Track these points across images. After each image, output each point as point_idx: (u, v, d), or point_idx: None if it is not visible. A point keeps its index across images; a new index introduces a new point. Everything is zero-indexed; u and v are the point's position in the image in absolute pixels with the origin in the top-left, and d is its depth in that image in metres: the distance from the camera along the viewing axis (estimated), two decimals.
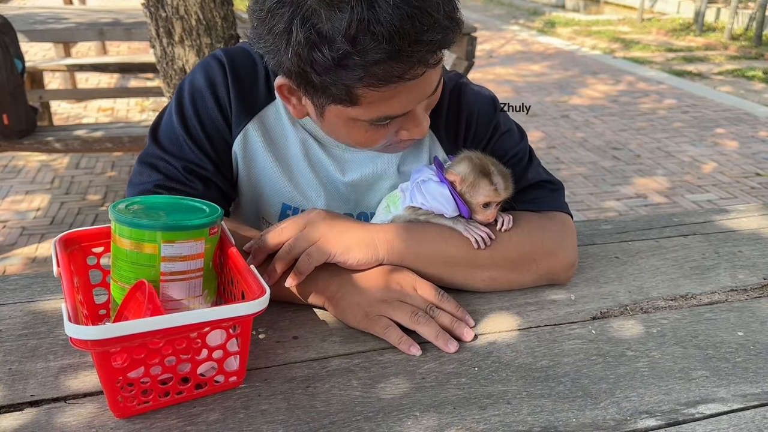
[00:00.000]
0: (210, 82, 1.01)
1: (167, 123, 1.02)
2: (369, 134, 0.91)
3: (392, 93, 0.82)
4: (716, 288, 1.03)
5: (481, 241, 0.94)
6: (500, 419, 0.73)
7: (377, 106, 0.84)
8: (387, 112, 0.86)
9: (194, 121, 1.01)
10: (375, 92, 0.81)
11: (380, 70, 0.77)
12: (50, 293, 0.97)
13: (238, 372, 0.77)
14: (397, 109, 0.87)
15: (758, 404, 0.77)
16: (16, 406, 0.74)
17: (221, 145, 1.03)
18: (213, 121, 1.01)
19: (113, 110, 5.23)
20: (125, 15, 4.21)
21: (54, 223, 3.38)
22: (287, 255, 0.90)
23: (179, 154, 1.00)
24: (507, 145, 1.06)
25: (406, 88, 0.82)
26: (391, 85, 0.80)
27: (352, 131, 0.91)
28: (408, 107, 0.88)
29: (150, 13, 1.96)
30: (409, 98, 0.86)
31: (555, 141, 4.77)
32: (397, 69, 0.78)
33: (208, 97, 1.01)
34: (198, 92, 1.01)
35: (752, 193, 3.89)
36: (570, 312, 0.95)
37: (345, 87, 0.80)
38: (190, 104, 1.01)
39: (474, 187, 0.93)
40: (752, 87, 6.47)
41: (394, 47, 0.75)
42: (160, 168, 0.99)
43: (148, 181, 0.99)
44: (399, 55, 0.76)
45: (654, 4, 10.62)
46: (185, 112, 1.01)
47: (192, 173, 1.00)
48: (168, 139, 1.01)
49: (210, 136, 1.01)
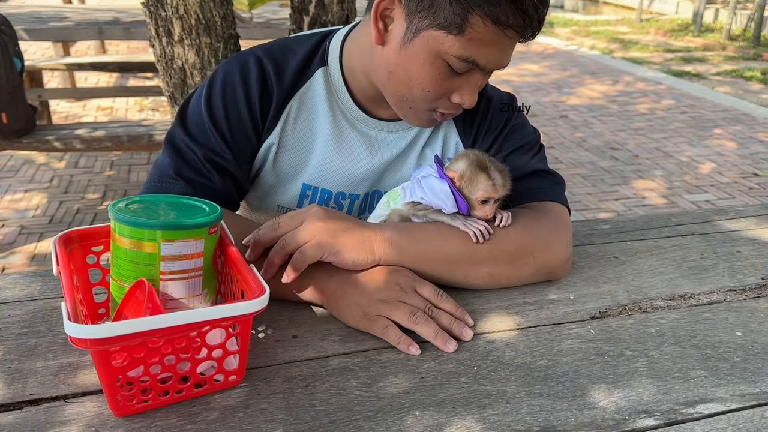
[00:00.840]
0: (243, 77, 1.05)
1: (195, 107, 1.06)
2: (434, 79, 0.96)
3: (492, 38, 0.90)
4: (715, 288, 1.04)
5: (480, 234, 0.94)
6: (499, 418, 0.73)
7: (474, 44, 0.91)
8: (476, 54, 0.92)
9: (221, 112, 1.04)
10: (483, 28, 0.89)
11: (501, 10, 0.87)
12: (49, 292, 0.97)
13: (238, 371, 0.77)
14: (483, 58, 0.93)
15: (757, 404, 0.77)
16: (15, 404, 0.74)
17: (242, 139, 1.07)
18: (239, 115, 1.05)
19: (112, 109, 5.23)
20: (125, 14, 4.20)
21: (53, 222, 3.38)
22: (282, 250, 0.90)
23: (203, 140, 1.04)
24: (520, 134, 1.12)
25: (501, 43, 0.92)
26: (499, 27, 0.89)
27: (423, 70, 0.96)
28: (490, 62, 0.95)
29: (149, 12, 1.96)
30: (496, 55, 0.94)
31: (553, 141, 4.77)
32: (512, 17, 0.88)
33: (239, 91, 1.05)
34: (230, 85, 1.05)
35: (750, 194, 3.89)
36: (569, 312, 0.95)
37: (463, 9, 0.88)
38: (220, 94, 1.05)
39: (472, 182, 0.93)
40: (750, 87, 6.48)
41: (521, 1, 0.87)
42: (182, 152, 1.04)
43: (168, 164, 1.03)
44: (522, 8, 0.87)
45: (652, 5, 10.63)
46: (213, 101, 1.05)
47: (211, 163, 1.03)
48: (195, 124, 1.05)
49: (232, 129, 1.05)
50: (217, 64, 2.02)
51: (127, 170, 4.06)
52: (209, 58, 2.02)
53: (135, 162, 4.19)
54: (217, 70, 1.08)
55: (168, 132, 1.07)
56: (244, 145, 1.07)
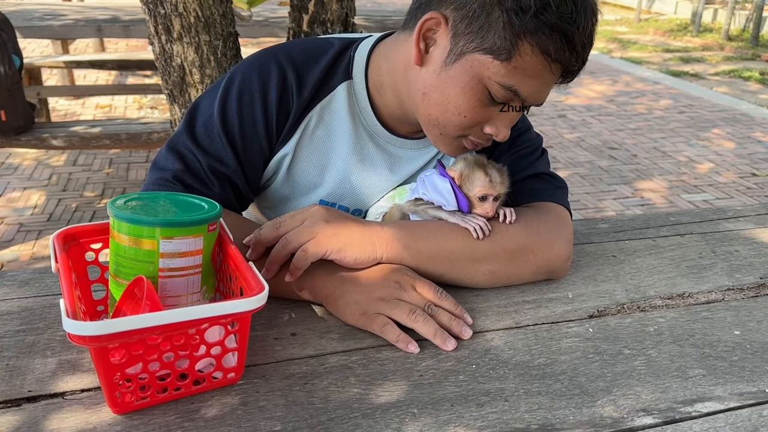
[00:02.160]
0: (263, 84, 1.01)
1: (207, 109, 1.01)
2: (472, 105, 0.93)
3: (538, 70, 0.89)
4: (713, 287, 1.04)
5: (479, 230, 0.95)
6: (498, 416, 0.73)
7: (518, 73, 0.89)
8: (519, 84, 0.90)
9: (234, 116, 1.00)
10: (530, 57, 0.87)
11: (552, 41, 0.85)
12: (48, 289, 0.97)
13: (237, 368, 0.77)
14: (525, 89, 0.91)
15: (755, 402, 0.77)
16: (13, 401, 0.73)
17: (253, 149, 1.02)
18: (254, 123, 1.01)
19: (111, 107, 5.22)
20: (124, 12, 4.20)
21: (51, 219, 3.38)
22: (284, 249, 0.90)
23: (209, 147, 1.00)
24: (523, 137, 1.12)
25: (545, 76, 0.90)
26: (547, 59, 0.87)
27: (461, 95, 0.92)
28: (531, 93, 0.92)
29: (149, 10, 1.96)
30: (538, 87, 0.92)
31: (552, 141, 4.77)
32: (561, 51, 0.86)
33: (257, 99, 1.01)
34: (248, 90, 1.01)
35: (748, 194, 3.90)
36: (567, 310, 0.96)
37: (514, 35, 0.86)
38: (236, 99, 1.00)
39: (470, 178, 0.95)
40: (748, 87, 6.49)
41: (573, 37, 0.86)
42: (186, 158, 1.00)
43: (170, 168, 0.99)
44: (572, 43, 0.86)
45: (651, 5, 10.64)
46: (228, 105, 1.00)
47: (214, 172, 1.00)
48: (204, 126, 1.01)
49: (245, 136, 1.01)
50: (216, 62, 2.02)
51: (126, 168, 4.05)
52: (208, 56, 2.02)
53: (134, 160, 4.19)
54: (235, 72, 1.03)
55: (174, 134, 1.02)
56: (254, 154, 1.03)
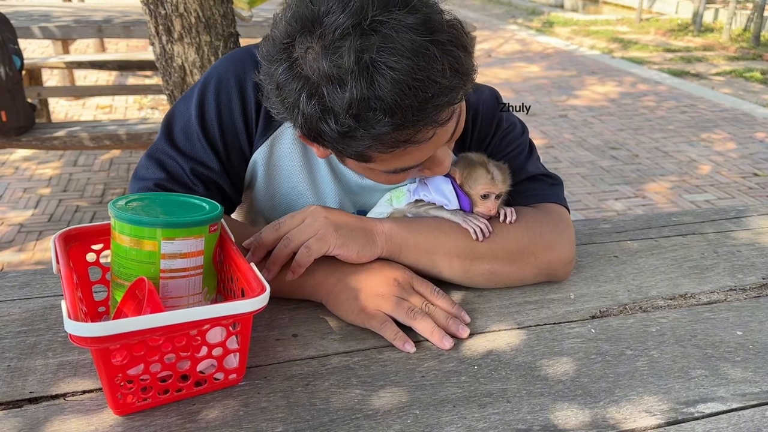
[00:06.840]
0: (239, 84, 0.99)
1: (184, 113, 1.00)
2: (391, 178, 0.91)
3: (404, 152, 0.81)
4: (715, 287, 1.03)
5: (480, 232, 0.95)
6: (500, 417, 0.73)
7: (391, 162, 0.84)
8: (402, 164, 0.86)
9: (213, 117, 0.99)
10: (386, 154, 0.81)
11: (388, 138, 0.77)
12: (49, 290, 0.97)
13: (238, 369, 0.77)
14: (412, 162, 0.86)
15: (757, 403, 0.77)
16: (14, 403, 0.73)
17: (234, 150, 1.01)
18: (233, 124, 1.00)
19: (111, 108, 5.22)
20: (124, 12, 4.20)
21: (52, 220, 3.37)
22: (286, 248, 0.90)
23: (189, 152, 0.98)
24: (510, 138, 1.08)
25: (418, 147, 0.81)
26: (399, 149, 0.79)
27: (373, 176, 0.92)
28: (423, 159, 0.87)
29: (149, 11, 1.96)
30: (423, 153, 0.85)
31: (553, 141, 4.77)
32: (404, 135, 0.77)
33: (235, 99, 0.99)
34: (225, 90, 0.99)
35: (750, 194, 3.89)
36: (569, 311, 0.95)
37: (355, 152, 0.81)
38: (213, 100, 0.99)
39: (471, 177, 0.95)
40: (750, 87, 6.48)
41: (398, 120, 0.74)
42: (167, 166, 0.98)
43: (151, 177, 0.98)
44: (404, 125, 0.75)
45: (652, 5, 10.63)
46: (206, 107, 0.99)
47: (198, 176, 0.98)
48: (182, 131, 0.99)
49: (225, 137, 1.00)
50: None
51: (126, 168, 4.05)
52: (209, 57, 2.02)
53: (134, 160, 4.18)
54: (210, 74, 1.01)
55: (150, 147, 1.01)
56: (236, 154, 1.02)
